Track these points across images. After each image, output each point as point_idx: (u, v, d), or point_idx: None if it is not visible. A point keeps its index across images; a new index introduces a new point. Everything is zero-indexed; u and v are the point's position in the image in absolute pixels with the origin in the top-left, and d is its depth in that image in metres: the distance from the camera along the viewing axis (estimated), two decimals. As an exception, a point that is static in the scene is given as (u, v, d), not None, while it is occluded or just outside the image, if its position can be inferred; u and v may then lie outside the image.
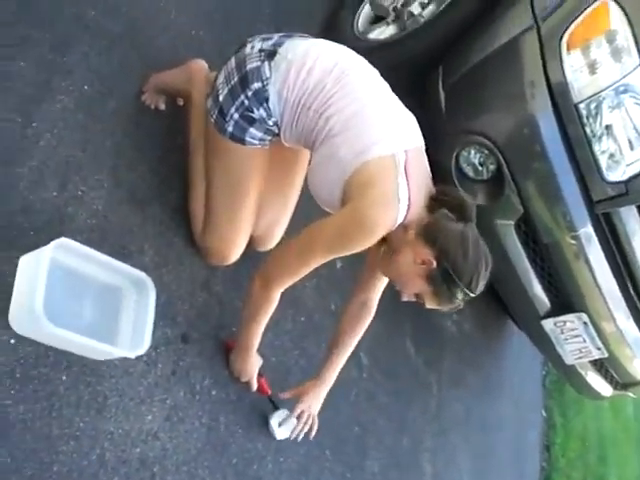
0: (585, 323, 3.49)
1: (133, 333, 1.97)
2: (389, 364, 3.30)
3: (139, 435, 1.98)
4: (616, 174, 2.89)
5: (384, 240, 2.03)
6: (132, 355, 1.92)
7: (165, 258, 2.22)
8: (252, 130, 2.09)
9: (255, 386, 2.38)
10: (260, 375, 2.39)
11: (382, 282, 2.34)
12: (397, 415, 3.27)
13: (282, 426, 2.44)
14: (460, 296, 1.99)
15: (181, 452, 2.09)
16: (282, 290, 2.11)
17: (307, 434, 2.44)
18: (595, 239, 3.11)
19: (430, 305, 2.05)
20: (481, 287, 2.00)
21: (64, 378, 1.82)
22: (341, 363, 2.46)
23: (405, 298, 2.10)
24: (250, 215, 2.27)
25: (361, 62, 2.13)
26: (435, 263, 1.94)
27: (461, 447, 3.82)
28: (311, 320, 2.79)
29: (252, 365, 2.33)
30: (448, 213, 1.97)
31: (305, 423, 2.45)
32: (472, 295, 1.99)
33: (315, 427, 2.46)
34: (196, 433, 2.17)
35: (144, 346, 1.93)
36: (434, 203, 1.99)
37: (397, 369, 3.37)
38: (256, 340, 2.25)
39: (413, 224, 1.98)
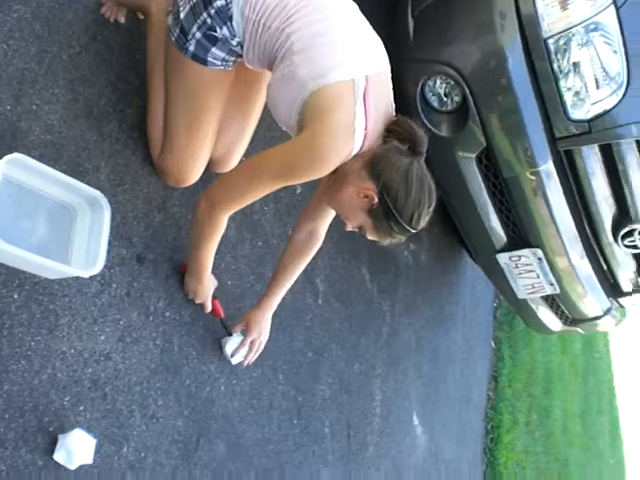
0: (539, 259, 3.53)
1: (87, 252, 1.93)
2: (344, 291, 3.32)
3: (91, 355, 1.96)
4: (580, 112, 2.89)
5: (336, 170, 1.99)
6: (86, 274, 1.89)
7: (121, 177, 2.17)
8: (214, 50, 2.02)
9: (209, 308, 2.37)
10: (214, 297, 2.38)
11: (331, 213, 2.32)
12: (350, 341, 3.31)
13: (236, 351, 2.45)
14: (400, 232, 1.98)
15: (133, 373, 2.09)
16: (229, 214, 2.06)
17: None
18: (555, 176, 3.13)
19: (371, 237, 2.04)
20: (422, 224, 1.98)
21: (15, 296, 1.79)
22: (284, 290, 2.47)
23: (348, 228, 2.09)
24: (209, 137, 2.22)
25: None
26: (377, 198, 1.92)
27: (411, 375, 3.89)
28: (268, 245, 2.78)
29: (206, 287, 2.31)
30: (398, 145, 1.93)
31: (257, 350, 2.49)
32: (412, 232, 1.98)
33: (261, 349, 2.50)
34: (149, 354, 2.16)
35: (98, 266, 1.90)
36: (387, 134, 1.96)
37: (352, 296, 3.39)
38: (207, 263, 2.22)
39: (365, 154, 1.94)
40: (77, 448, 1.84)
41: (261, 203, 2.74)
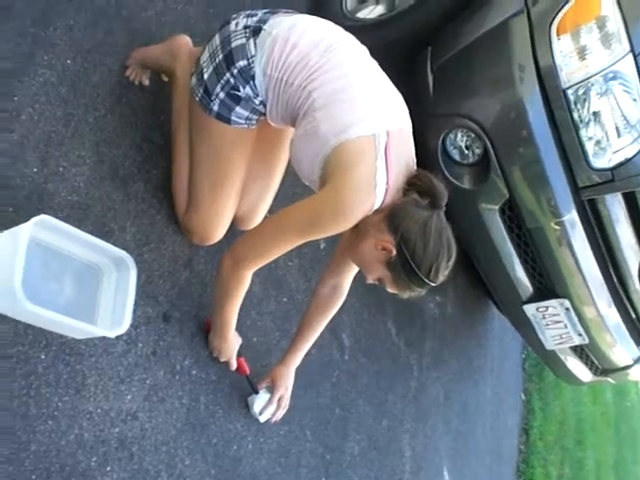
0: (567, 309, 3.50)
1: (113, 312, 1.94)
2: (370, 345, 3.30)
3: (118, 415, 1.96)
4: (602, 161, 2.89)
5: (357, 223, 2.00)
6: (112, 334, 1.89)
7: (147, 236, 2.19)
8: (238, 109, 2.06)
9: (234, 366, 2.37)
10: (239, 355, 2.37)
11: (354, 267, 2.32)
12: (378, 397, 3.28)
13: (264, 409, 2.44)
14: (419, 285, 1.98)
15: (160, 432, 2.08)
16: (253, 271, 2.07)
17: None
18: (579, 225, 3.12)
19: (391, 290, 2.05)
20: (442, 278, 1.98)
21: (43, 357, 1.80)
22: (308, 345, 2.47)
23: (369, 281, 2.10)
24: (234, 195, 2.25)
25: (349, 38, 2.08)
26: (394, 251, 1.93)
27: (440, 430, 3.84)
28: (293, 300, 2.78)
29: (230, 345, 2.31)
30: (417, 198, 1.94)
31: (284, 407, 2.49)
32: (432, 285, 1.97)
33: (287, 406, 2.50)
34: (176, 413, 2.15)
35: (124, 325, 1.91)
36: (407, 187, 1.97)
37: (378, 350, 3.37)
38: (232, 320, 2.22)
39: (385, 207, 1.96)
40: (105, 510, 1.83)
41: (285, 259, 2.75)
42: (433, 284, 1.97)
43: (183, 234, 2.31)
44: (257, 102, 2.05)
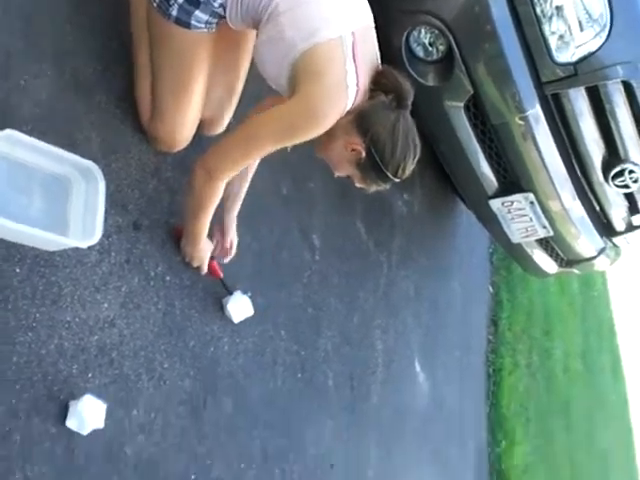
0: (532, 202, 3.56)
1: (84, 223, 1.96)
2: (340, 246, 3.35)
3: (96, 323, 2.00)
4: (565, 55, 2.90)
5: None
6: (84, 245, 1.92)
7: (113, 146, 2.19)
8: (197, 13, 2.02)
9: (205, 270, 2.40)
10: (212, 259, 2.41)
11: None
12: (349, 295, 3.35)
13: (238, 309, 2.50)
14: (386, 182, 2.08)
15: (138, 338, 2.13)
16: (227, 180, 2.10)
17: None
18: (543, 120, 3.14)
19: (358, 185, 2.14)
20: (407, 173, 2.07)
21: (17, 270, 1.82)
22: (241, 200, 2.48)
23: (337, 175, 2.18)
24: (198, 100, 2.23)
25: None
26: (364, 152, 2.00)
27: (411, 324, 3.95)
28: (263, 203, 2.80)
29: (202, 250, 2.34)
30: (385, 99, 1.98)
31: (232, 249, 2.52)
32: (397, 181, 2.07)
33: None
34: (152, 318, 2.20)
35: (96, 235, 1.93)
36: (374, 87, 2.00)
37: (348, 250, 3.43)
38: (205, 229, 2.25)
39: (355, 109, 2.00)
40: (88, 414, 1.88)
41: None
42: (398, 180, 2.07)
43: (149, 142, 2.30)
44: (216, 5, 2.02)
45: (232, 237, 2.51)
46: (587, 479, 7.58)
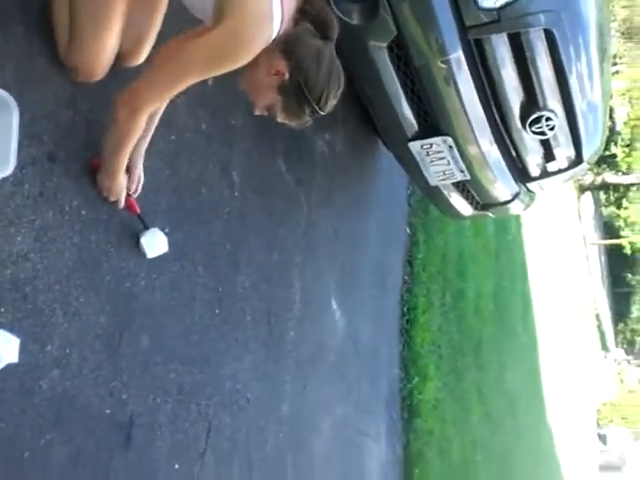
0: (450, 146, 3.62)
1: (-3, 153, 1.90)
2: (261, 183, 3.34)
3: (9, 257, 1.96)
4: (490, 1, 2.93)
5: None
6: (-3, 176, 1.87)
7: (28, 76, 2.11)
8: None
9: (122, 204, 2.36)
10: (129, 195, 2.38)
11: None
12: (268, 233, 3.37)
13: (153, 244, 2.48)
14: (308, 112, 2.06)
15: (53, 272, 2.10)
16: (149, 113, 2.07)
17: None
18: (465, 64, 3.18)
19: (280, 118, 2.12)
20: (330, 106, 2.07)
21: None
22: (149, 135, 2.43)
23: (257, 112, 2.16)
24: (116, 29, 2.16)
25: None
26: (288, 75, 2.00)
27: (329, 263, 3.99)
28: (182, 139, 2.76)
29: (120, 185, 2.30)
30: (311, 28, 2.00)
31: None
32: (320, 113, 2.06)
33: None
34: (67, 252, 2.17)
35: (10, 167, 1.88)
36: (299, 16, 2.01)
37: (269, 188, 3.42)
38: (123, 163, 2.22)
39: (280, 37, 2.00)
40: (1, 348, 1.86)
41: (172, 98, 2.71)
42: (322, 112, 2.06)
43: (66, 73, 2.23)
44: None
45: (139, 173, 2.47)
46: (495, 415, 7.87)
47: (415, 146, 3.72)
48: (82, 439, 2.15)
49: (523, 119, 3.51)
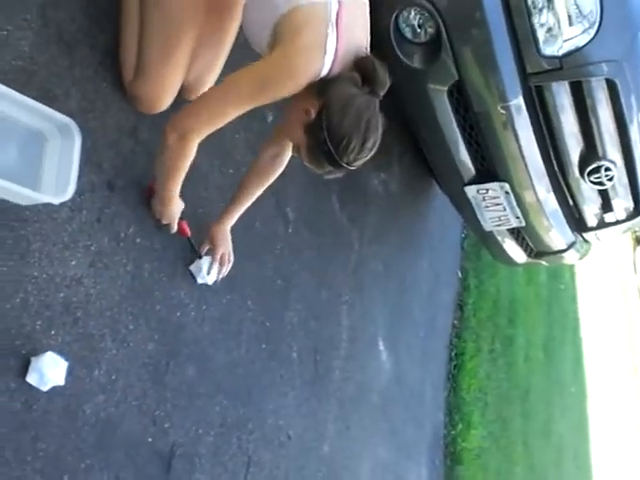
0: (507, 192, 3.59)
1: (57, 179, 1.94)
2: (314, 220, 3.36)
3: (63, 280, 1.99)
4: (552, 48, 2.91)
5: None
6: (56, 201, 1.90)
7: (92, 103, 2.16)
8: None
9: (175, 228, 2.38)
10: (181, 219, 2.39)
11: None
12: (319, 270, 3.37)
13: (210, 271, 2.51)
14: (329, 160, 1.99)
15: (104, 298, 2.12)
16: (198, 141, 2.05)
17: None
18: (525, 111, 3.17)
19: (305, 161, 2.07)
20: (353, 159, 1.99)
21: (-14, 222, 1.81)
22: (242, 209, 2.54)
23: (292, 151, 2.18)
24: (183, 62, 2.22)
25: None
26: (313, 114, 1.96)
27: (378, 302, 3.97)
28: (239, 173, 2.78)
29: (173, 209, 2.31)
30: (357, 78, 1.96)
31: (229, 262, 2.57)
32: (340, 163, 1.98)
33: (232, 261, 2.59)
34: (120, 280, 2.19)
35: (68, 192, 1.91)
36: (353, 67, 1.98)
37: (322, 225, 3.43)
38: (176, 191, 2.23)
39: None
40: (49, 370, 1.88)
41: (232, 131, 2.75)
42: (341, 162, 1.98)
43: (129, 102, 2.28)
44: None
45: (226, 251, 2.54)
46: (540, 467, 7.68)
47: (471, 190, 3.70)
48: (122, 466, 2.15)
49: (582, 168, 3.48)
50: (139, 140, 2.33)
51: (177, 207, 2.34)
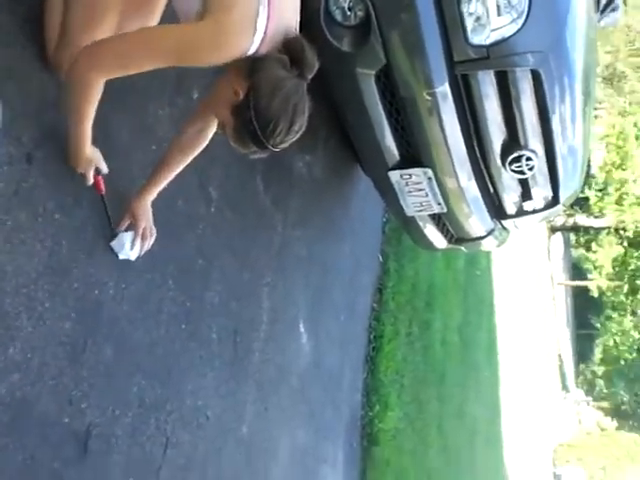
0: (430, 178, 3.63)
1: (-26, 150, 1.87)
2: (238, 200, 3.33)
3: (-24, 255, 1.93)
4: (480, 37, 2.95)
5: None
6: (-28, 173, 1.83)
7: (11, 72, 2.08)
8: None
9: (90, 180, 2.29)
10: (98, 174, 2.31)
11: None
12: (241, 251, 3.34)
13: (130, 248, 2.47)
14: (254, 141, 1.98)
15: (21, 275, 2.06)
16: (105, 80, 1.97)
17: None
18: (450, 98, 3.20)
19: (231, 140, 2.05)
20: (279, 142, 1.99)
21: None
22: (163, 184, 2.49)
23: (217, 128, 2.16)
24: (108, 26, 2.12)
25: None
26: (242, 95, 1.95)
27: (299, 285, 3.98)
28: (161, 149, 2.71)
29: (85, 153, 2.21)
30: (285, 59, 1.95)
31: (151, 236, 2.52)
32: (266, 145, 1.98)
33: (154, 235, 2.53)
34: (37, 256, 2.13)
35: (-15, 165, 1.85)
36: (281, 49, 1.97)
37: (245, 206, 3.41)
38: (87, 131, 2.12)
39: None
40: (-40, 348, 1.82)
41: (155, 107, 2.70)
42: (267, 145, 1.98)
43: (51, 72, 2.21)
44: None
45: (147, 225, 2.48)
46: (454, 448, 7.87)
47: (395, 175, 3.73)
48: (37, 446, 2.10)
49: (503, 157, 3.54)
50: (61, 112, 2.26)
51: (90, 154, 2.24)
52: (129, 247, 2.46)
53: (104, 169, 2.33)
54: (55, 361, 2.17)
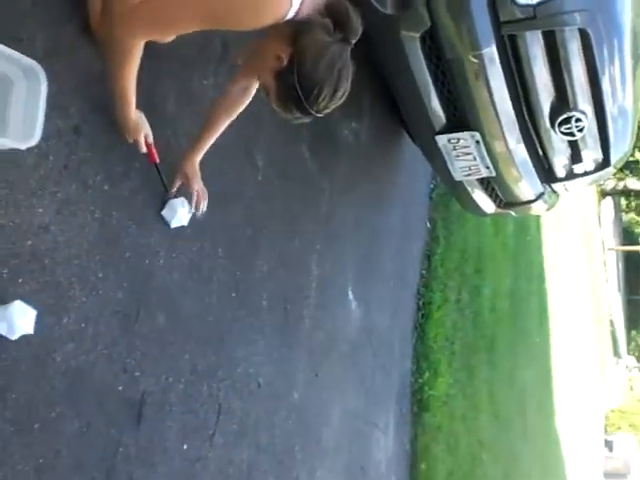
0: (477, 142, 3.59)
1: (23, 124, 1.88)
2: (284, 168, 3.33)
3: (30, 228, 1.95)
4: (526, -3, 2.89)
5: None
6: (22, 146, 1.85)
7: (58, 46, 2.09)
8: None
9: (143, 148, 2.33)
10: (150, 144, 2.35)
11: None
12: (289, 218, 3.35)
13: (185, 212, 2.50)
14: (298, 107, 1.97)
15: (73, 245, 2.09)
16: (140, 43, 1.98)
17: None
18: (497, 60, 3.15)
19: (274, 105, 2.04)
20: (323, 108, 1.98)
21: (-50, 166, 1.76)
22: (210, 143, 2.50)
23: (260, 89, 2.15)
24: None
25: None
26: (286, 61, 1.93)
27: (348, 252, 3.98)
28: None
29: (134, 121, 2.24)
30: (329, 24, 1.92)
31: (205, 197, 2.55)
32: (310, 111, 1.97)
33: (207, 196, 2.56)
34: (88, 227, 2.16)
35: (35, 137, 1.86)
36: (324, 12, 1.94)
37: (292, 173, 3.41)
38: (130, 94, 2.13)
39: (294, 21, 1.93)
40: (18, 319, 1.85)
41: (200, 77, 2.71)
42: (311, 110, 1.97)
43: (96, 45, 2.22)
44: None
45: (198, 187, 2.51)
46: (504, 414, 7.84)
47: (442, 139, 3.69)
48: (93, 414, 2.14)
49: (552, 119, 3.48)
50: (106, 85, 2.27)
51: (139, 121, 2.26)
52: (183, 212, 2.47)
53: (150, 134, 2.35)
54: (108, 330, 2.21)
